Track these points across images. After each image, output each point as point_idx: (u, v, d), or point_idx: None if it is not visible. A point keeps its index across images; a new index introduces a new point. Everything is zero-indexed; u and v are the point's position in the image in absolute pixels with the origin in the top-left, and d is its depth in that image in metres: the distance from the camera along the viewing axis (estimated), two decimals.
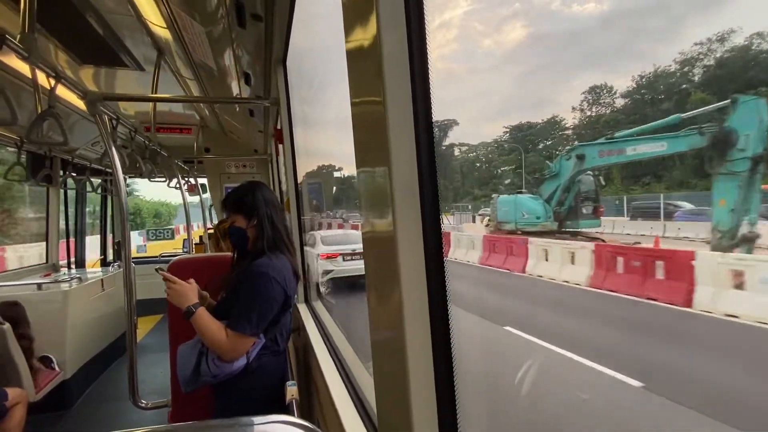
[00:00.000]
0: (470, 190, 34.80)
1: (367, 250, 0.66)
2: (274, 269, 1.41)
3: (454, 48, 56.92)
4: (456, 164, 37.72)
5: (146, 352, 4.39)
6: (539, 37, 49.02)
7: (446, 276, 0.56)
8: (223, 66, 2.58)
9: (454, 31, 55.57)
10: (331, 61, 2.91)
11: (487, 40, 55.84)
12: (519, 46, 51.80)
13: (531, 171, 26.45)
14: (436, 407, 0.56)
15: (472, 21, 54.83)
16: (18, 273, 3.83)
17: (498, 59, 53.12)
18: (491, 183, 33.73)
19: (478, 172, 37.66)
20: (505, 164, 33.81)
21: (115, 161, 2.12)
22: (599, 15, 44.20)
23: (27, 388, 2.35)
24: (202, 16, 1.90)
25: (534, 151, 32.43)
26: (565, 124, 33.56)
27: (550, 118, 34.79)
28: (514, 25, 50.49)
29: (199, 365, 1.37)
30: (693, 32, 28.30)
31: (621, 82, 37.24)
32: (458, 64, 58.60)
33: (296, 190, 2.60)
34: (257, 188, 1.55)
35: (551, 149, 30.70)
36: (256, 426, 0.53)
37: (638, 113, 23.95)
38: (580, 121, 32.27)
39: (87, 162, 4.42)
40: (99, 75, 2.78)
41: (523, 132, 34.70)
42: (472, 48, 57.03)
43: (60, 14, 1.84)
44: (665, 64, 24.72)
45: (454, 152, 39.49)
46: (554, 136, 33.39)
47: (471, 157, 40.11)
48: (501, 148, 36.49)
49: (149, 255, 7.45)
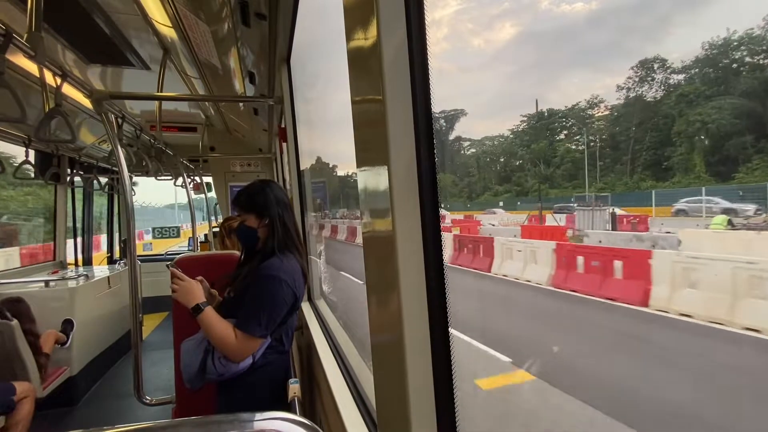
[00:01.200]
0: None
1: (367, 249, 0.66)
2: (285, 272, 1.40)
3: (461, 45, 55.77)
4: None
5: (152, 349, 4.44)
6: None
7: (445, 276, 0.56)
8: (227, 65, 2.59)
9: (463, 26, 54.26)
10: (334, 59, 2.91)
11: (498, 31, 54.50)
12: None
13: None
14: (434, 408, 0.56)
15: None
16: (26, 270, 3.88)
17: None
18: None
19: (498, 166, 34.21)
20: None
21: (121, 159, 2.14)
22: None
23: (34, 383, 2.38)
24: (207, 15, 1.91)
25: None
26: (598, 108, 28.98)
27: (575, 104, 30.97)
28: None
29: (205, 363, 1.37)
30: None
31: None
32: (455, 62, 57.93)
33: (300, 188, 2.61)
34: (269, 187, 1.53)
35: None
36: (256, 422, 0.53)
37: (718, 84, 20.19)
38: (625, 100, 27.74)
39: (94, 160, 4.47)
40: (106, 74, 2.81)
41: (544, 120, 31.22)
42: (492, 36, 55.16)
43: (67, 14, 1.86)
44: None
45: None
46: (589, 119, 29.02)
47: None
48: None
49: (155, 252, 7.52)
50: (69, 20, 1.94)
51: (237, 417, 0.54)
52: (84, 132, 3.56)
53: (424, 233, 0.55)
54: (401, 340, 0.54)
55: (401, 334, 0.54)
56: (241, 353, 1.35)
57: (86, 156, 4.30)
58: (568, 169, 28.10)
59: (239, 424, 0.53)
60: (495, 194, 31.85)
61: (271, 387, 1.48)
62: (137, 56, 2.45)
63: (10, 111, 1.75)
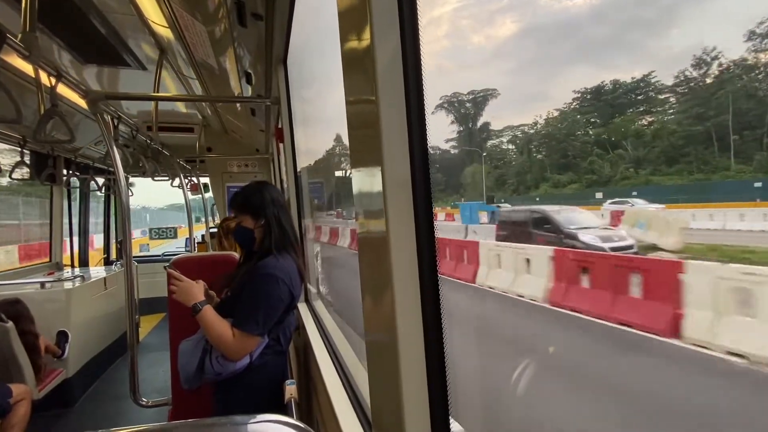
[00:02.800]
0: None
1: (361, 250, 0.66)
2: (281, 270, 1.42)
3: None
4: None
5: (148, 350, 4.42)
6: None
7: (438, 275, 0.56)
8: (224, 65, 2.59)
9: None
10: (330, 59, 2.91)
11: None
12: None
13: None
14: (428, 407, 0.56)
15: None
16: (21, 272, 3.86)
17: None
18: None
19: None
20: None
21: (117, 160, 2.13)
22: None
23: (30, 385, 2.37)
24: (203, 15, 1.91)
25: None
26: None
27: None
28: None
29: (203, 363, 1.38)
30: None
31: None
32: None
33: (297, 188, 2.61)
34: (265, 188, 1.56)
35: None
36: (250, 425, 0.53)
37: None
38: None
39: (90, 161, 4.45)
40: (102, 74, 2.80)
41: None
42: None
43: (62, 14, 1.86)
44: None
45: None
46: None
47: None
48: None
49: (151, 253, 7.49)
50: (64, 20, 1.93)
51: (231, 420, 0.54)
52: (80, 132, 3.54)
53: (418, 233, 0.55)
54: (395, 340, 0.54)
55: (395, 335, 0.54)
56: (239, 352, 1.36)
57: (82, 157, 4.28)
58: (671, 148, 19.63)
59: (233, 427, 0.53)
60: (555, 185, 24.37)
61: (268, 388, 1.48)
62: (133, 56, 2.44)
63: (6, 112, 1.74)
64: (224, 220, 3.12)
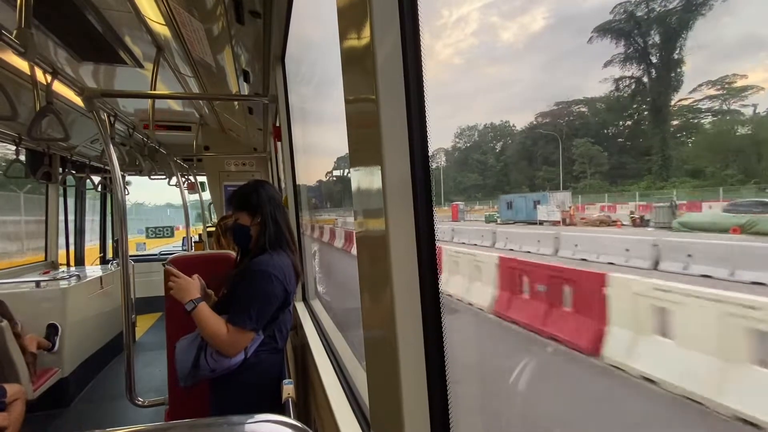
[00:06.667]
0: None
1: (360, 249, 0.66)
2: (275, 266, 1.43)
3: None
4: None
5: (145, 349, 4.40)
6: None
7: (438, 275, 0.56)
8: (221, 63, 2.57)
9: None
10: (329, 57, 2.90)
11: None
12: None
13: None
14: (427, 406, 0.56)
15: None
16: (17, 270, 3.83)
17: None
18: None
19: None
20: None
21: (113, 158, 2.12)
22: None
23: (25, 385, 2.35)
24: (200, 12, 1.90)
25: None
26: None
27: None
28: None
29: (198, 359, 1.39)
30: None
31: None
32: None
33: (294, 187, 2.60)
34: (261, 186, 1.58)
35: None
36: (247, 425, 0.52)
37: None
38: None
39: (86, 159, 4.42)
40: (98, 72, 2.78)
41: None
42: None
43: (58, 11, 1.84)
44: None
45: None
46: None
47: None
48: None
49: (148, 252, 7.45)
50: (60, 17, 1.91)
51: (228, 420, 0.54)
52: (76, 131, 3.52)
53: (418, 232, 0.55)
54: (394, 338, 0.54)
55: (394, 333, 0.54)
56: (233, 347, 1.38)
57: (78, 155, 4.25)
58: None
59: (230, 427, 0.53)
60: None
61: (264, 387, 1.48)
62: (130, 54, 2.42)
63: (1, 109, 1.72)
64: (222, 219, 3.11)
